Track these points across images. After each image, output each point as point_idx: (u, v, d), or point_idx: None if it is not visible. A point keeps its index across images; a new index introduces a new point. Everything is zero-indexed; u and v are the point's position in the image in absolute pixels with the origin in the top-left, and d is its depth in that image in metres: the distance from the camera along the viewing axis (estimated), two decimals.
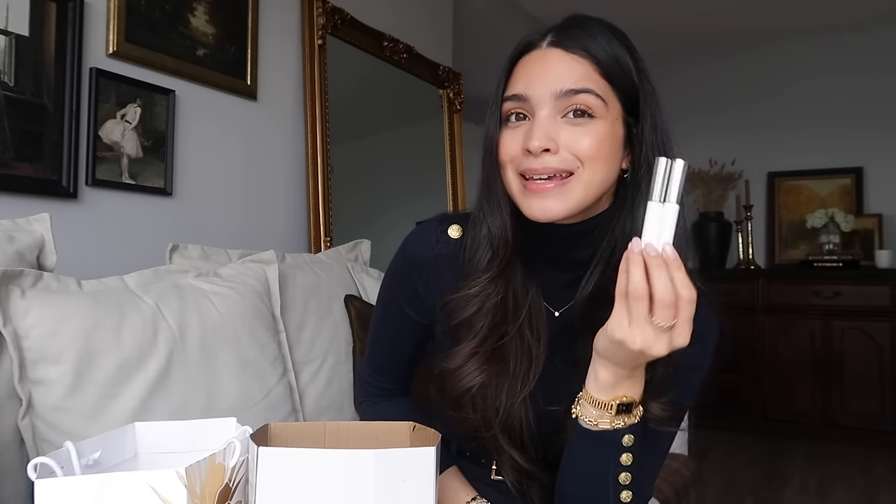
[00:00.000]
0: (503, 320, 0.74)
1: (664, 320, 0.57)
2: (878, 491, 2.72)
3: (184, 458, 0.64)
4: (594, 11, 0.73)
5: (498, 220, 0.73)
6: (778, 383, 3.57)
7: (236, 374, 1.14)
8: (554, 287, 0.77)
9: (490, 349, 0.74)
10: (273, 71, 1.97)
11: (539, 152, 0.66)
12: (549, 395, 0.75)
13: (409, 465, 0.56)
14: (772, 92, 4.06)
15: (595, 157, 0.67)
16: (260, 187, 1.94)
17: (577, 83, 0.67)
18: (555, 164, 0.67)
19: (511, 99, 0.70)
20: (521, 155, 0.68)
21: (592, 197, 0.69)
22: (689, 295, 0.57)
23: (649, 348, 0.58)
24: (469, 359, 0.74)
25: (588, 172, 0.67)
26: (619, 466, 0.68)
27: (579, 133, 0.66)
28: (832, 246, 3.66)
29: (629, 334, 0.58)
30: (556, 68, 0.68)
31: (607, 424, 0.66)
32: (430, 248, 0.81)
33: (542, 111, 0.67)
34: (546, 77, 0.68)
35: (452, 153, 2.71)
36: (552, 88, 0.67)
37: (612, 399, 0.65)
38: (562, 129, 0.67)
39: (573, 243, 0.74)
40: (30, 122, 1.36)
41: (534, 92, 0.68)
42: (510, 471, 0.77)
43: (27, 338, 0.91)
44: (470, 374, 0.73)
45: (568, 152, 0.66)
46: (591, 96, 0.66)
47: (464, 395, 0.74)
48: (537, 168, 0.67)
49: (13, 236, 1.03)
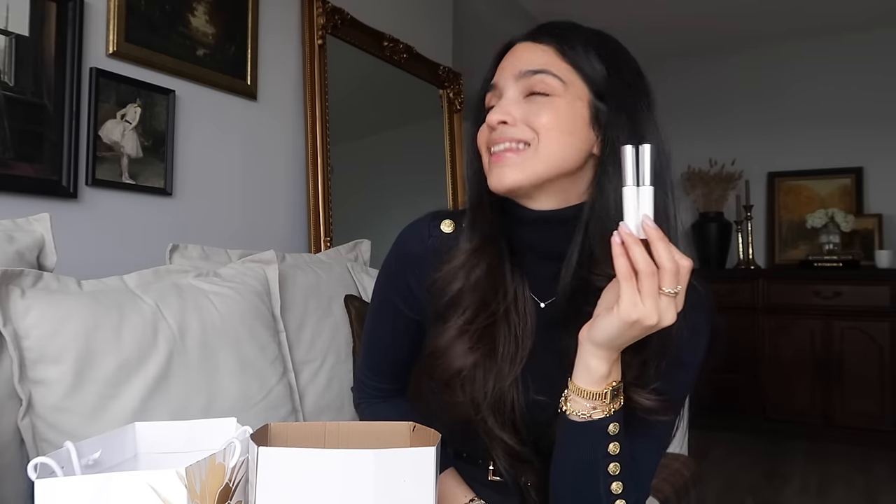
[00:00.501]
0: (489, 299, 0.75)
1: (673, 287, 0.60)
2: (878, 491, 2.72)
3: (184, 458, 0.64)
4: (593, 13, 0.74)
5: (475, 195, 0.78)
6: (778, 383, 3.57)
7: (236, 374, 1.14)
8: (540, 279, 0.78)
9: (479, 328, 0.75)
10: (273, 71, 1.97)
11: (496, 124, 0.71)
12: (540, 385, 0.75)
13: (409, 465, 0.56)
14: (772, 92, 4.07)
15: (551, 128, 0.70)
16: (260, 187, 1.94)
17: (537, 65, 0.71)
18: (511, 133, 0.71)
19: (488, 90, 0.76)
20: (488, 133, 0.73)
21: (553, 169, 0.70)
22: (688, 263, 0.61)
23: (662, 318, 0.61)
24: (458, 337, 0.75)
25: (544, 143, 0.70)
26: (608, 457, 0.68)
27: (537, 108, 0.70)
28: (832, 246, 3.66)
29: (644, 311, 0.60)
30: (521, 56, 0.74)
31: (601, 413, 0.67)
32: (422, 242, 0.82)
33: (507, 93, 0.73)
34: (512, 63, 0.74)
35: (452, 153, 2.71)
36: (514, 71, 0.73)
37: (606, 386, 0.67)
38: (521, 106, 0.71)
39: (550, 231, 0.74)
40: (30, 122, 1.36)
41: (501, 78, 0.74)
42: (503, 455, 0.77)
43: (27, 338, 0.91)
44: (461, 355, 0.74)
45: (525, 124, 0.70)
46: (549, 76, 0.71)
47: (456, 376, 0.74)
48: (496, 139, 0.72)
49: (13, 236, 1.03)
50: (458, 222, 0.81)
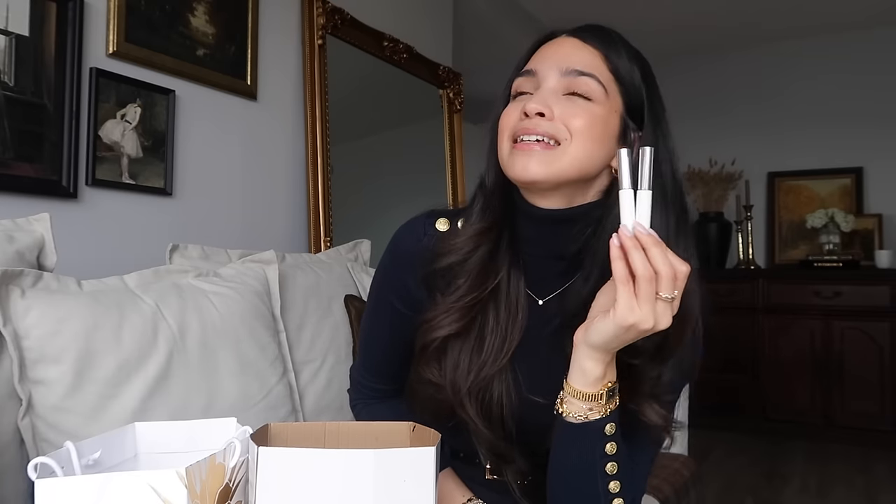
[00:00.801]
0: (482, 281, 0.75)
1: (668, 291, 0.60)
2: (878, 491, 2.72)
3: (184, 458, 0.64)
4: (596, 12, 0.75)
5: (492, 177, 0.77)
6: (778, 383, 3.57)
7: (236, 374, 1.14)
8: (539, 276, 0.78)
9: (466, 306, 0.75)
10: (273, 71, 1.97)
11: (533, 114, 0.69)
12: (536, 384, 0.75)
13: (409, 465, 0.56)
14: (772, 92, 4.07)
15: (584, 133, 0.69)
16: (260, 187, 1.94)
17: (585, 67, 0.70)
18: (546, 128, 0.69)
19: (522, 74, 0.74)
20: (518, 119, 0.71)
21: (576, 173, 0.70)
22: (686, 268, 0.60)
23: (658, 322, 0.60)
24: (446, 311, 0.75)
25: (575, 146, 0.69)
26: (606, 457, 0.68)
27: (576, 109, 0.69)
28: (832, 246, 3.66)
29: (640, 315, 0.60)
30: (568, 51, 0.72)
31: (598, 414, 0.67)
32: (418, 241, 0.81)
33: (546, 83, 0.71)
34: (557, 56, 0.72)
35: (452, 153, 2.71)
36: (560, 65, 0.71)
37: (601, 388, 0.67)
38: (561, 102, 0.70)
39: (555, 230, 0.75)
40: (30, 122, 1.36)
41: (542, 67, 0.72)
42: (487, 453, 0.78)
43: (27, 338, 0.91)
44: (445, 325, 0.75)
45: (561, 122, 0.69)
46: (593, 81, 0.70)
47: (432, 344, 0.75)
48: (529, 128, 0.69)
49: (13, 236, 1.03)
50: (454, 221, 0.81)
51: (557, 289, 0.77)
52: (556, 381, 0.71)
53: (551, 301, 0.78)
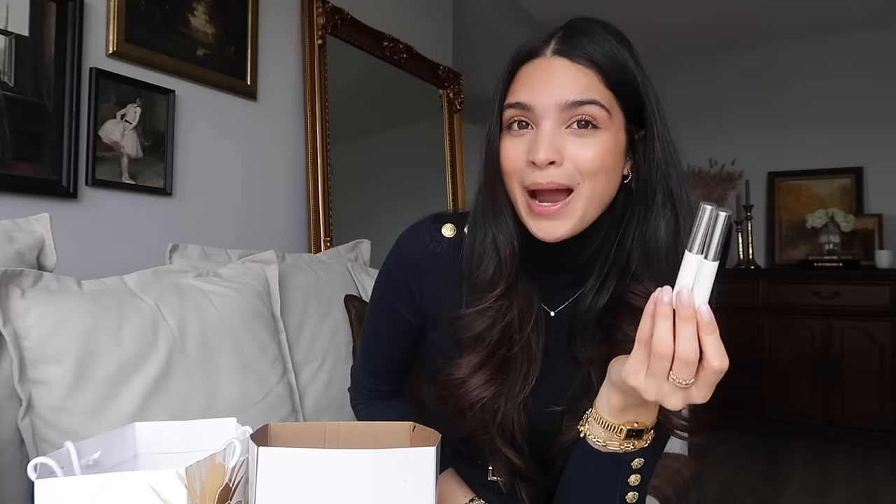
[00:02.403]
0: (511, 332, 0.72)
1: (682, 378, 0.54)
2: (878, 491, 2.72)
3: (184, 458, 0.64)
4: (594, 12, 0.73)
5: (504, 230, 0.72)
6: (778, 383, 3.57)
7: (236, 374, 1.14)
8: (549, 289, 0.77)
9: (500, 361, 0.72)
10: (273, 71, 1.97)
11: (545, 166, 0.65)
12: (543, 395, 0.74)
13: (409, 466, 0.56)
14: (772, 92, 4.07)
15: (597, 171, 0.66)
16: (260, 187, 1.94)
17: (583, 94, 0.65)
18: (559, 178, 0.65)
19: (514, 107, 0.68)
20: (526, 166, 0.67)
21: (595, 210, 0.68)
22: (720, 366, 0.53)
23: (663, 401, 0.56)
24: (476, 371, 0.72)
25: (588, 187, 0.66)
26: (627, 487, 0.67)
27: (584, 145, 0.65)
28: (832, 246, 3.66)
29: (644, 385, 0.56)
30: (561, 79, 0.66)
31: (616, 447, 0.65)
32: (423, 247, 0.80)
33: (546, 122, 0.66)
34: (551, 87, 0.66)
35: (452, 153, 2.71)
36: (557, 99, 0.65)
37: (623, 423, 0.64)
38: (566, 140, 0.66)
39: (569, 249, 0.73)
40: (30, 122, 1.36)
41: (538, 102, 0.66)
42: (504, 471, 0.76)
43: (27, 338, 0.91)
44: (478, 388, 0.72)
45: (572, 165, 0.65)
46: (595, 107, 0.65)
47: (472, 408, 0.72)
48: (542, 182, 0.66)
49: (13, 236, 1.03)
50: (460, 226, 0.79)
51: (567, 299, 0.76)
52: (565, 387, 0.71)
53: (562, 311, 0.77)
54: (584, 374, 0.73)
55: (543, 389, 0.74)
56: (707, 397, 0.55)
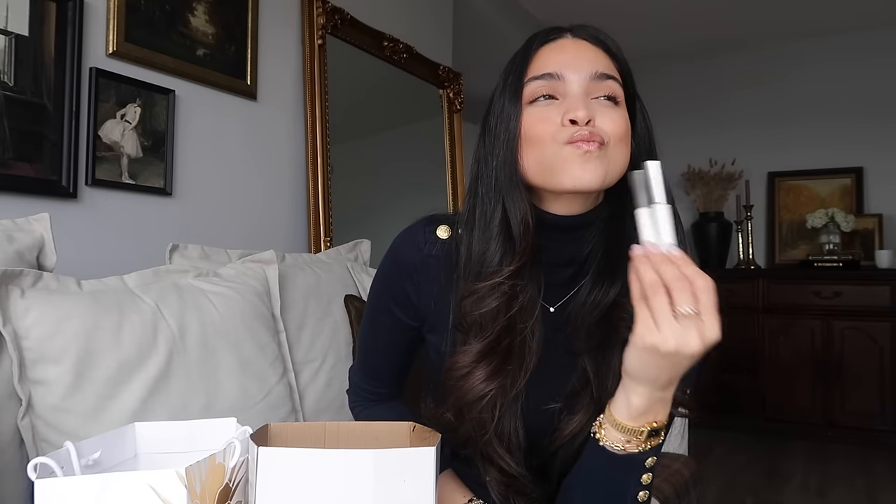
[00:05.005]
0: (515, 322, 0.71)
1: (684, 301, 0.55)
2: (878, 491, 2.71)
3: (184, 458, 0.64)
4: (595, 12, 0.74)
5: (519, 205, 0.70)
6: (778, 383, 3.57)
7: (236, 374, 1.14)
8: (550, 283, 0.76)
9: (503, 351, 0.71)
10: (273, 71, 1.97)
11: (584, 122, 0.66)
12: (541, 392, 0.74)
13: (409, 465, 0.56)
14: (772, 92, 4.06)
15: (621, 139, 0.68)
16: (260, 187, 1.94)
17: (608, 70, 0.70)
18: (597, 131, 0.67)
19: (542, 78, 0.69)
20: (561, 127, 0.67)
21: (613, 177, 0.69)
22: (705, 282, 0.56)
23: (684, 345, 0.55)
24: (479, 360, 0.71)
25: (612, 150, 0.68)
26: (639, 486, 0.67)
27: (610, 114, 0.68)
28: (832, 246, 3.66)
29: (659, 336, 0.56)
30: (587, 55, 0.71)
31: (635, 449, 0.65)
32: (418, 249, 0.79)
33: (578, 90, 0.69)
34: (580, 59, 0.70)
35: (452, 153, 2.71)
36: (588, 70, 0.69)
37: (644, 425, 0.64)
38: (594, 108, 0.68)
39: (570, 237, 0.73)
40: (30, 122, 1.36)
41: (566, 70, 0.69)
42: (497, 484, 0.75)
43: (27, 338, 0.91)
44: (482, 380, 0.71)
45: (602, 128, 0.67)
46: (616, 84, 0.70)
47: (476, 404, 0.71)
48: (585, 136, 0.65)
49: (13, 236, 1.03)
50: (454, 227, 0.78)
51: (566, 294, 0.76)
52: (563, 384, 0.71)
53: (561, 307, 0.77)
54: (580, 369, 0.73)
55: (541, 387, 0.74)
56: (717, 326, 0.55)
